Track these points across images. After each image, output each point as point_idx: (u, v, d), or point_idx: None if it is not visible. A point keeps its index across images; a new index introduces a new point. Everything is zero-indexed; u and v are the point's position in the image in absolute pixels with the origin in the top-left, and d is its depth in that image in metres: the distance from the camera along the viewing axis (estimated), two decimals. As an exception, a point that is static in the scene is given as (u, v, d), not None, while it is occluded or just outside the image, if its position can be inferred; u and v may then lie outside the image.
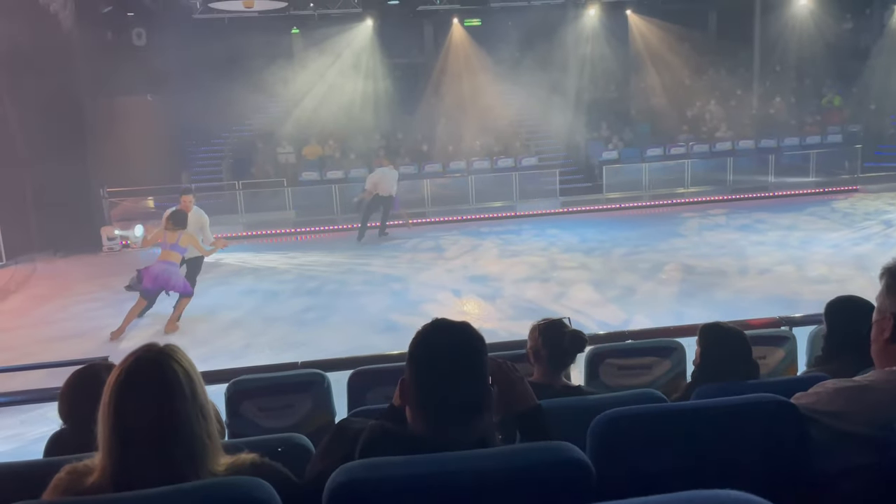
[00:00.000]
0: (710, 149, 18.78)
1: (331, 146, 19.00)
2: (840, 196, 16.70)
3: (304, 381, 3.27)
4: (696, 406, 1.82)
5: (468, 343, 1.59)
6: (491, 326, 8.26)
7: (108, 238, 14.61)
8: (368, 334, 8.14)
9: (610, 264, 11.35)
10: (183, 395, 1.50)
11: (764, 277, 10.03)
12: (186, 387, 1.51)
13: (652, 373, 3.45)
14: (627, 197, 17.28)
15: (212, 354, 7.64)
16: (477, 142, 19.13)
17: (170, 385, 1.50)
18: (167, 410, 1.48)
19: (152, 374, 1.50)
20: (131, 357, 1.54)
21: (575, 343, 2.80)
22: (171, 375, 1.50)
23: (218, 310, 9.81)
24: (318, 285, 11.00)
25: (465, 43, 20.78)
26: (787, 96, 20.82)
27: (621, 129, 19.88)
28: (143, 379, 1.50)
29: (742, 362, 2.64)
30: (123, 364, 1.53)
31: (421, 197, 16.94)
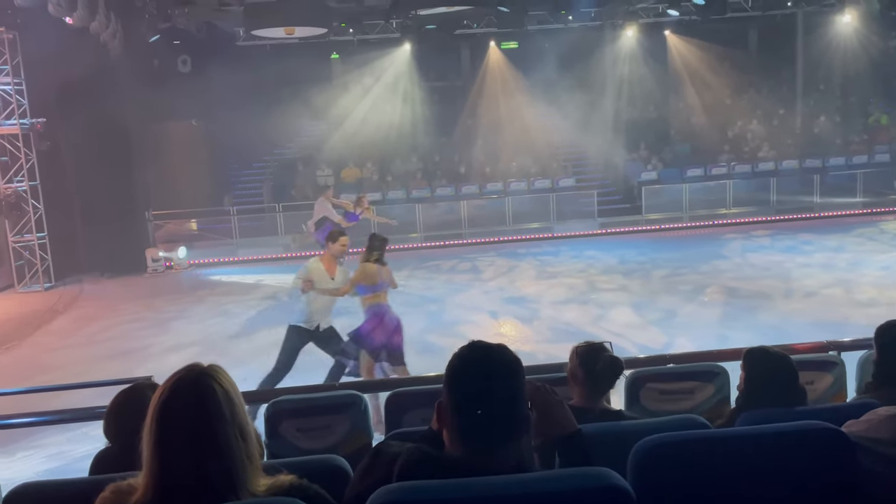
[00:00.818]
0: (752, 169, 18.44)
1: (369, 169, 19.22)
2: (889, 217, 16.22)
3: (341, 403, 3.28)
4: (741, 433, 1.77)
5: (505, 365, 1.57)
6: (529, 349, 8.19)
7: (153, 259, 14.96)
8: (406, 356, 8.13)
9: (650, 286, 11.19)
10: (222, 415, 1.51)
11: (810, 300, 9.77)
12: (226, 407, 1.53)
13: (694, 398, 3.37)
14: (667, 218, 17.05)
15: (252, 374, 7.71)
16: (514, 163, 19.14)
17: (209, 405, 1.51)
18: (206, 431, 1.50)
19: (192, 395, 1.52)
20: (173, 377, 1.56)
21: (609, 369, 2.74)
22: (211, 396, 1.52)
23: (257, 330, 9.93)
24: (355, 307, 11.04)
25: (501, 65, 20.89)
26: (832, 115, 20.38)
27: (660, 150, 19.68)
28: (183, 399, 1.52)
29: (788, 388, 2.57)
30: (166, 384, 1.56)
31: (458, 218, 16.98)
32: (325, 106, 19.84)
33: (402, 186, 18.47)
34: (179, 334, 9.94)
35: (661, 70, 20.96)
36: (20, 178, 13.18)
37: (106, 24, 12.55)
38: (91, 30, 12.18)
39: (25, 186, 13.18)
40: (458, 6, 13.16)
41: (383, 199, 17.90)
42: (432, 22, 16.25)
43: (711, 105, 20.48)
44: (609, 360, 2.76)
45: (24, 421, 4.22)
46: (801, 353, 3.85)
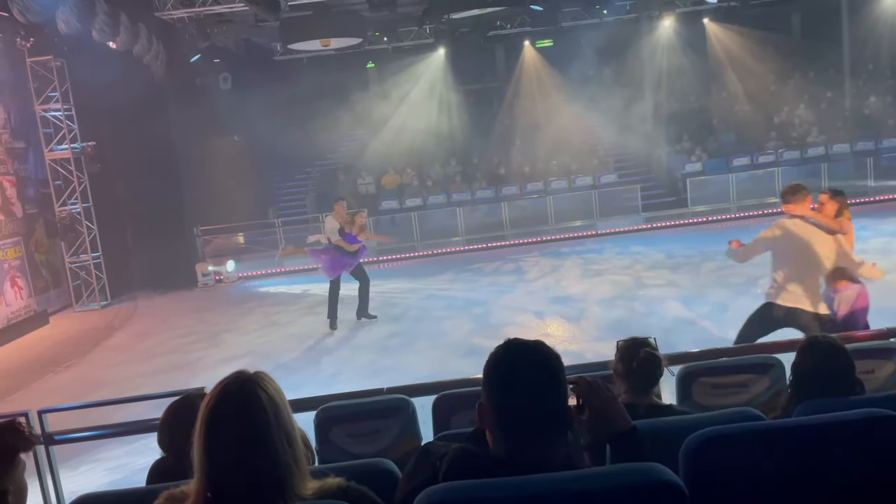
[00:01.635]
0: (801, 155, 17.93)
1: (408, 174, 19.33)
2: (949, 197, 15.58)
3: (390, 407, 3.29)
4: (798, 423, 1.71)
5: (543, 361, 1.55)
6: (576, 348, 8.11)
7: (203, 274, 15.32)
8: (452, 358, 8.14)
9: (699, 280, 10.95)
10: (267, 420, 1.53)
11: (868, 287, 9.41)
12: (271, 413, 1.54)
13: (749, 391, 3.28)
14: (714, 210, 16.68)
15: (302, 382, 7.82)
16: (553, 162, 19.00)
17: (254, 411, 1.53)
18: (252, 436, 1.52)
19: (238, 402, 1.54)
20: (220, 385, 1.59)
21: (645, 365, 2.68)
22: (256, 402, 1.54)
23: (306, 339, 10.06)
24: (402, 312, 11.12)
25: (537, 64, 20.79)
26: (883, 95, 19.67)
27: (704, 140, 19.29)
28: (229, 406, 1.54)
29: (845, 378, 2.47)
30: (212, 392, 1.58)
31: (499, 220, 16.93)
32: (363, 115, 20.06)
33: (441, 191, 18.51)
34: (231, 346, 10.14)
35: (701, 59, 20.56)
36: (73, 200, 13.66)
37: (148, 47, 12.94)
38: (134, 53, 12.57)
39: (79, 208, 13.64)
40: (491, 7, 13.14)
41: (424, 204, 17.97)
42: (465, 25, 16.27)
43: (755, 92, 19.99)
44: (646, 355, 2.70)
45: (85, 435, 4.35)
46: (861, 341, 3.72)
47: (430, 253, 16.23)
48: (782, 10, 20.55)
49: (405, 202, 18.19)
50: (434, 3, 13.81)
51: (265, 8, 11.72)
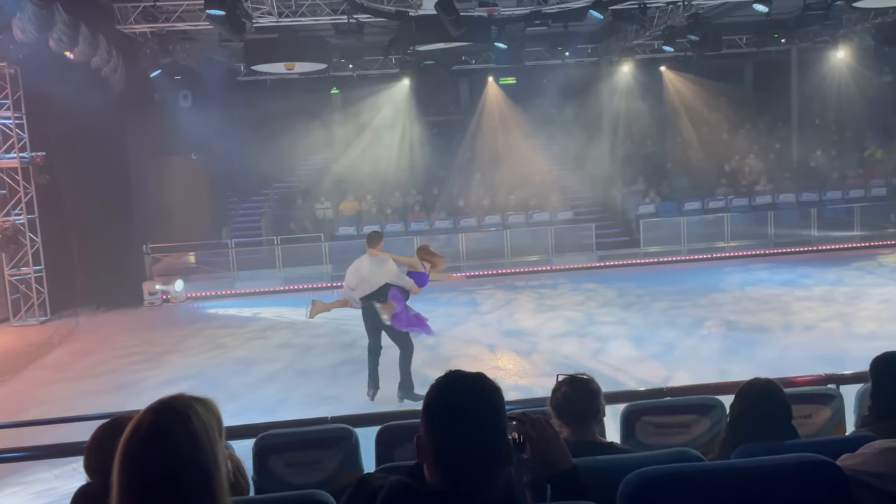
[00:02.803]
0: (749, 202, 18.52)
1: (368, 201, 19.29)
2: (886, 250, 16.22)
3: (332, 437, 3.22)
4: (733, 465, 1.73)
5: (484, 395, 1.53)
6: (526, 383, 8.12)
7: (150, 293, 14.92)
8: (402, 389, 8.04)
9: (649, 319, 11.13)
10: (182, 455, 1.45)
11: (810, 334, 9.71)
12: (187, 447, 1.46)
13: (690, 432, 3.31)
14: (665, 251, 17.04)
15: (245, 408, 7.62)
16: (512, 196, 19.22)
17: (173, 441, 1.45)
18: (170, 466, 1.44)
19: (152, 435, 1.46)
20: (143, 412, 1.52)
21: (583, 402, 2.67)
22: (171, 436, 1.46)
23: (253, 364, 9.85)
24: (353, 339, 10.96)
25: (500, 100, 21.12)
26: (828, 149, 20.53)
27: (658, 183, 19.77)
28: (143, 437, 1.46)
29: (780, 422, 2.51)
30: (135, 419, 1.51)
31: (456, 251, 16.97)
32: (324, 139, 20.03)
33: (400, 219, 18.52)
34: (174, 368, 9.86)
35: (658, 105, 21.20)
36: (18, 211, 13.21)
37: (107, 60, 12.71)
38: (92, 65, 12.33)
39: (23, 219, 13.20)
40: (456, 42, 13.33)
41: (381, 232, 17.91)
42: (431, 58, 16.46)
43: (708, 139, 20.67)
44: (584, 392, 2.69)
45: (12, 456, 4.15)
46: (800, 386, 3.80)
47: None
48: (735, 63, 21.38)
49: (363, 229, 18.10)
50: (400, 34, 13.95)
51: (230, 28, 11.65)
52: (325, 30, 14.64)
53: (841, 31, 17.99)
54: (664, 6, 14.67)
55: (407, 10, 12.73)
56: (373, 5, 12.73)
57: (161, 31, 13.69)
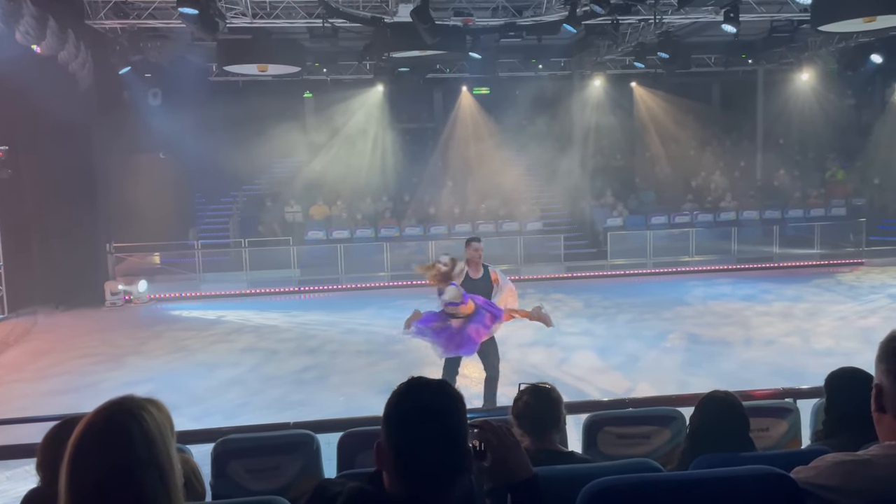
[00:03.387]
0: (714, 218, 18.86)
1: (338, 206, 19.20)
2: (845, 269, 16.64)
3: (293, 443, 3.19)
4: (690, 476, 1.75)
5: (445, 402, 1.53)
6: (491, 391, 8.12)
7: (112, 293, 14.62)
8: (366, 395, 8.01)
9: (614, 331, 11.24)
10: (136, 457, 1.41)
11: (769, 349, 9.90)
12: (142, 448, 1.42)
13: (651, 443, 3.35)
14: (632, 264, 17.25)
15: (206, 412, 7.52)
16: (483, 205, 19.30)
17: (121, 447, 1.41)
18: (117, 474, 1.40)
19: (104, 435, 1.42)
20: (94, 412, 1.48)
21: (544, 411, 2.68)
22: (124, 436, 1.42)
23: (216, 367, 9.71)
24: (319, 344, 10.91)
25: (473, 109, 21.22)
26: (791, 169, 21.03)
27: (626, 197, 20.05)
28: (94, 440, 1.42)
29: (738, 435, 2.56)
30: (86, 419, 1.47)
31: (426, 259, 16.95)
32: (296, 143, 19.89)
33: (370, 225, 18.47)
34: (134, 370, 9.66)
35: (628, 119, 21.51)
36: (-23, 205, 12.87)
37: (75, 55, 12.48)
38: (60, 59, 12.08)
39: (-18, 214, 12.86)
40: (431, 51, 13.38)
41: (351, 237, 17.87)
42: (405, 65, 16.48)
43: (676, 155, 21.03)
44: (546, 401, 2.71)
45: (-41, 457, 4.03)
46: (759, 399, 3.87)
47: (353, 286, 16.08)
48: (704, 81, 21.81)
49: (332, 234, 18.02)
50: (376, 40, 13.95)
51: (203, 27, 11.52)
52: (299, 33, 14.58)
53: (806, 53, 18.49)
54: (636, 23, 14.92)
55: (382, 17, 12.74)
56: (348, 10, 12.71)
57: (132, 28, 13.49)
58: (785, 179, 20.59)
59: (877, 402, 1.55)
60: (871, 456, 1.54)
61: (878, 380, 1.56)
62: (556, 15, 13.04)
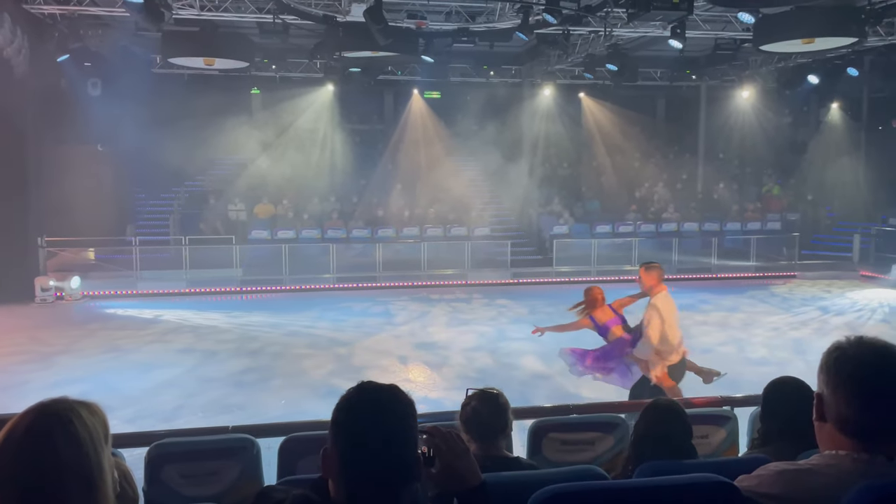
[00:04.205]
0: (656, 229, 19.32)
1: (284, 206, 18.88)
2: (779, 281, 17.26)
3: (231, 447, 3.08)
4: (637, 485, 1.76)
5: (395, 408, 1.49)
6: (436, 396, 8.12)
7: (42, 289, 14.02)
8: (308, 399, 7.89)
9: (559, 337, 11.33)
10: (60, 463, 1.34)
11: (707, 357, 10.11)
12: (68, 454, 1.34)
13: (595, 449, 3.38)
14: (576, 271, 17.49)
15: (140, 415, 7.26)
16: (431, 209, 19.29)
17: (53, 446, 1.34)
18: (48, 474, 1.32)
19: (30, 437, 1.34)
20: (20, 414, 1.38)
21: (491, 417, 2.67)
22: (56, 436, 1.35)
23: (152, 368, 9.39)
24: (261, 346, 10.68)
25: (424, 113, 21.20)
26: (730, 183, 21.73)
27: (572, 205, 20.35)
28: (24, 439, 1.34)
29: (682, 443, 2.60)
30: (11, 422, 1.38)
31: (373, 261, 16.86)
32: (242, 140, 19.47)
33: (317, 226, 18.23)
34: (64, 370, 9.27)
35: (576, 129, 21.87)
36: None
37: (11, 40, 11.95)
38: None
39: None
40: (383, 52, 13.31)
41: (297, 238, 17.61)
42: (356, 65, 16.34)
43: (621, 166, 21.48)
44: (493, 407, 2.70)
45: None
46: (698, 407, 3.95)
47: (297, 288, 15.83)
48: (650, 95, 22.37)
49: (277, 233, 17.71)
50: (327, 38, 13.78)
51: (147, 17, 11.16)
52: (248, 28, 14.28)
53: (747, 72, 19.16)
54: (586, 34, 15.18)
55: (335, 16, 12.61)
56: (300, 7, 12.53)
57: (72, 14, 12.99)
58: (724, 193, 21.25)
59: (818, 411, 1.58)
60: (812, 465, 1.57)
61: (819, 389, 1.59)
62: (509, 22, 13.15)
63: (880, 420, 1.51)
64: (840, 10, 11.83)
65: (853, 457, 1.51)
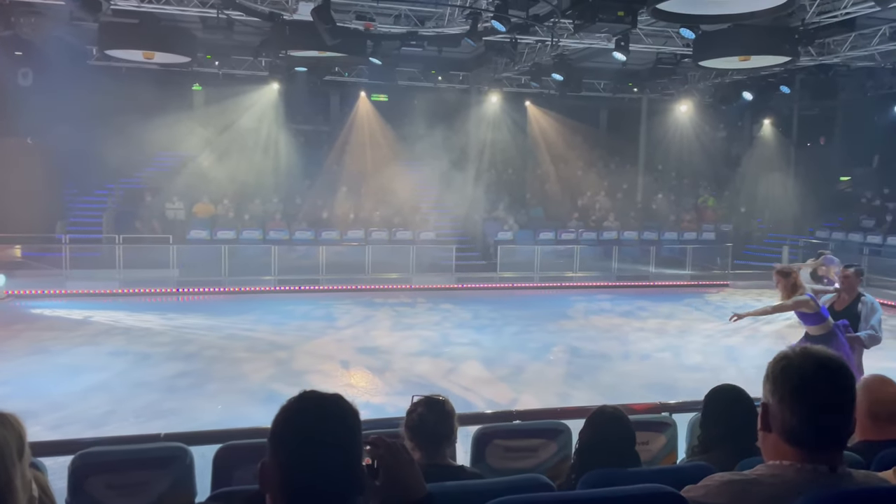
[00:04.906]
0: (597, 237, 19.69)
1: (224, 205, 18.44)
2: (713, 290, 17.80)
3: (163, 456, 2.94)
4: (585, 496, 1.74)
5: (340, 419, 1.42)
6: (378, 401, 8.02)
7: (-38, 286, 13.30)
8: (246, 405, 7.68)
9: (501, 342, 11.41)
10: None
11: (645, 363, 10.37)
12: None
13: (538, 456, 3.37)
14: (520, 277, 17.66)
15: (66, 420, 6.94)
16: (377, 212, 19.16)
17: None
18: None
19: None
20: None
21: (437, 425, 2.63)
22: None
23: (80, 371, 8.99)
24: (197, 350, 10.37)
25: (370, 116, 21.07)
26: (668, 193, 22.35)
27: (517, 211, 20.55)
28: None
29: (626, 450, 2.61)
30: None
31: (316, 263, 16.61)
32: (181, 137, 18.92)
33: (258, 227, 17.86)
34: (-16, 373, 8.78)
35: (521, 137, 22.12)
36: None
37: (-68, 22, 11.28)
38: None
39: None
40: (331, 52, 13.15)
41: (237, 238, 17.21)
42: (303, 64, 16.11)
43: (564, 174, 21.85)
44: (439, 414, 2.66)
45: None
46: (639, 413, 3.99)
47: (236, 290, 15.47)
48: (593, 105, 22.81)
49: (216, 233, 17.27)
50: (273, 36, 13.53)
51: (84, 6, 10.72)
52: (191, 22, 13.90)
53: (686, 86, 19.75)
54: (533, 44, 15.35)
55: (282, 14, 12.39)
56: (246, 3, 12.26)
57: (2, 1, 12.37)
58: (662, 203, 21.84)
59: (763, 421, 1.60)
60: (757, 475, 1.58)
61: (764, 399, 1.60)
62: (458, 28, 13.18)
63: (825, 431, 1.53)
64: (775, 30, 12.32)
65: (797, 467, 1.53)
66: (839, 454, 1.55)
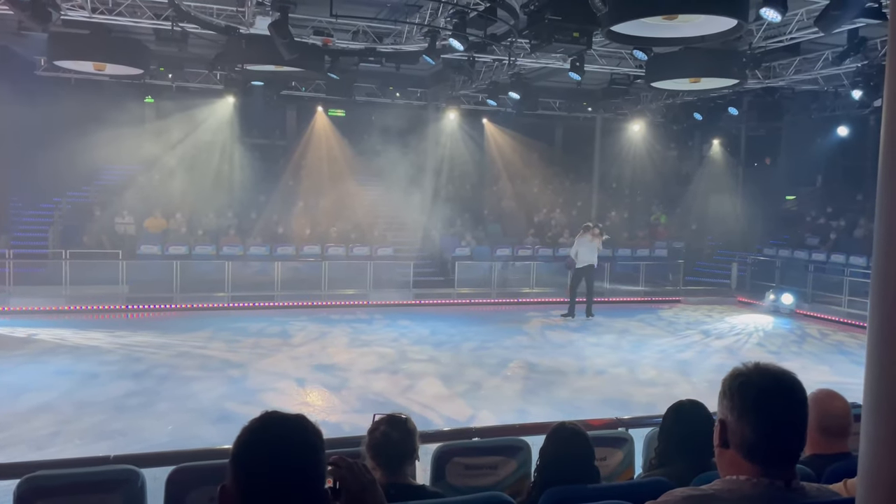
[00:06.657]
0: (553, 253, 19.90)
1: (177, 220, 18.06)
2: (665, 305, 18.14)
3: (113, 479, 2.85)
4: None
5: (303, 441, 1.40)
6: (335, 420, 7.93)
7: None
8: (199, 425, 7.50)
9: (458, 358, 11.41)
10: None
11: (600, 378, 10.49)
12: None
13: (497, 473, 3.37)
14: (477, 293, 17.72)
15: (8, 443, 6.67)
16: (333, 228, 19.02)
17: None
18: None
19: None
20: None
21: (399, 443, 2.62)
22: None
23: (24, 391, 8.66)
24: (146, 368, 10.09)
25: (327, 131, 20.97)
26: (622, 211, 22.77)
27: (474, 227, 20.65)
28: None
29: (586, 466, 2.63)
30: None
31: (271, 279, 16.38)
32: (132, 150, 18.51)
33: (212, 242, 17.54)
34: (-81, 394, 8.38)
35: (479, 153, 22.31)
36: None
37: None
38: None
39: None
40: (288, 67, 13.06)
41: (189, 254, 16.87)
42: (259, 78, 15.97)
43: (521, 191, 22.10)
44: (401, 433, 2.65)
45: None
46: (596, 428, 4.03)
47: (189, 306, 15.13)
48: (549, 124, 23.18)
49: (168, 249, 16.90)
50: (228, 50, 13.38)
51: (33, 16, 10.43)
52: (144, 34, 13.64)
53: (639, 106, 20.23)
54: (491, 62, 15.53)
55: (238, 27, 12.27)
56: (201, 16, 12.11)
57: (-56, 7, 11.95)
58: (616, 220, 22.22)
59: (721, 437, 1.62)
60: (714, 490, 1.60)
61: (721, 415, 1.63)
62: (416, 45, 13.25)
63: (782, 446, 1.57)
64: (724, 53, 12.74)
65: (753, 482, 1.56)
66: (793, 469, 1.59)
